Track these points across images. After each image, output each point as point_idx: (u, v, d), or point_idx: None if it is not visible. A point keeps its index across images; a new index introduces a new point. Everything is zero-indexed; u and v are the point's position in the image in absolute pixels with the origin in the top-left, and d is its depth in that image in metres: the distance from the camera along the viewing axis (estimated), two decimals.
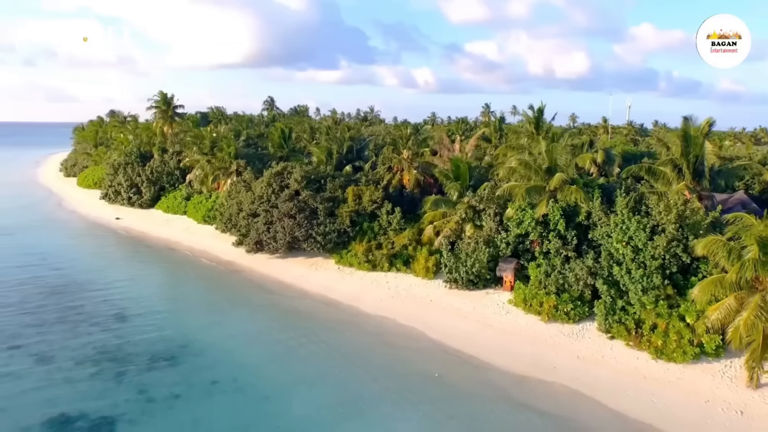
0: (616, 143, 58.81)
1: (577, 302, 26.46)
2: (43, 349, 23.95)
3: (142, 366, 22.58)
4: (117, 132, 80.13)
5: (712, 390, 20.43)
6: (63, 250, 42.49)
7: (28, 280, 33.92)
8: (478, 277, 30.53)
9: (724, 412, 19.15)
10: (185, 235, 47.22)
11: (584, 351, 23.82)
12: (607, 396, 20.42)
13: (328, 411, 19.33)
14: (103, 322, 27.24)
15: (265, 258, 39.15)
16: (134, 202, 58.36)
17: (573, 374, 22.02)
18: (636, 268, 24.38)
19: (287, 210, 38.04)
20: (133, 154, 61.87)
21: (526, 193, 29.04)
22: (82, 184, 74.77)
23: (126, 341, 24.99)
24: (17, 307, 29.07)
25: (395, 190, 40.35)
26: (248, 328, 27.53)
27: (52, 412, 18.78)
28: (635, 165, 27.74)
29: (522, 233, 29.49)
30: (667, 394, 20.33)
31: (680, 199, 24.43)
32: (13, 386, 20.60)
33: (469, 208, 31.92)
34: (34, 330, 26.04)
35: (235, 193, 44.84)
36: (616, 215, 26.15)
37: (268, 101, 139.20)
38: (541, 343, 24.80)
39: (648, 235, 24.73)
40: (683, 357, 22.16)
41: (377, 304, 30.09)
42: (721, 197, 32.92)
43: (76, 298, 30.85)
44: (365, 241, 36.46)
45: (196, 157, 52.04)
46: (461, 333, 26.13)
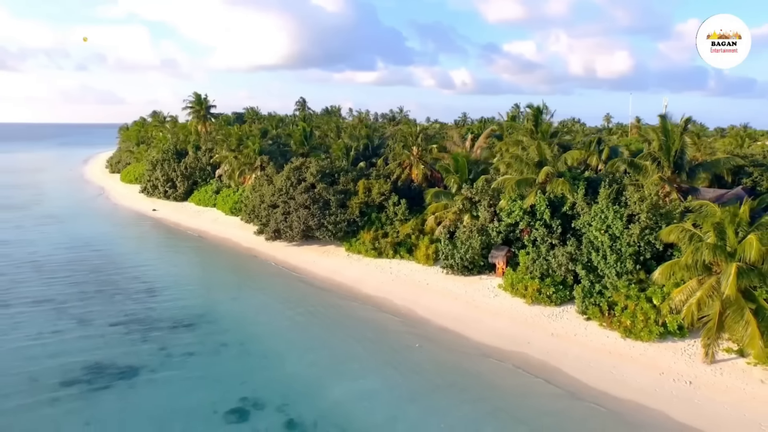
0: (630, 141, 59.23)
1: (559, 286, 28.34)
2: (84, 313, 28.05)
3: (164, 329, 26.22)
4: (157, 131, 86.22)
5: (669, 364, 22.06)
6: (104, 236, 47.40)
7: (74, 260, 38.62)
8: (472, 263, 32.76)
9: (674, 382, 20.82)
10: (213, 225, 51.38)
11: (559, 330, 25.75)
12: (570, 366, 22.38)
13: (316, 369, 22.25)
14: (134, 294, 31.23)
15: (282, 245, 42.56)
16: (170, 195, 63.37)
17: (544, 348, 24.05)
18: (611, 254, 26.10)
19: (303, 201, 41.34)
20: (170, 152, 66.94)
21: (516, 185, 31.06)
22: (124, 180, 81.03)
23: (152, 309, 28.81)
24: (65, 281, 33.54)
25: (403, 184, 42.94)
26: (259, 302, 30.89)
27: (89, 360, 22.57)
28: (618, 158, 29.26)
29: (512, 223, 31.52)
30: (626, 367, 22.10)
31: (653, 189, 25.94)
32: (58, 340, 24.62)
33: (465, 200, 34.16)
34: (77, 299, 30.26)
35: (259, 186, 48.58)
36: (597, 205, 27.86)
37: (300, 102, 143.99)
38: (521, 322, 26.86)
39: (624, 223, 26.38)
40: (649, 336, 23.79)
41: (378, 287, 32.81)
42: (719, 192, 33.77)
43: (112, 274, 35.17)
44: (372, 230, 39.25)
45: (225, 153, 56.26)
46: (449, 312, 28.49)
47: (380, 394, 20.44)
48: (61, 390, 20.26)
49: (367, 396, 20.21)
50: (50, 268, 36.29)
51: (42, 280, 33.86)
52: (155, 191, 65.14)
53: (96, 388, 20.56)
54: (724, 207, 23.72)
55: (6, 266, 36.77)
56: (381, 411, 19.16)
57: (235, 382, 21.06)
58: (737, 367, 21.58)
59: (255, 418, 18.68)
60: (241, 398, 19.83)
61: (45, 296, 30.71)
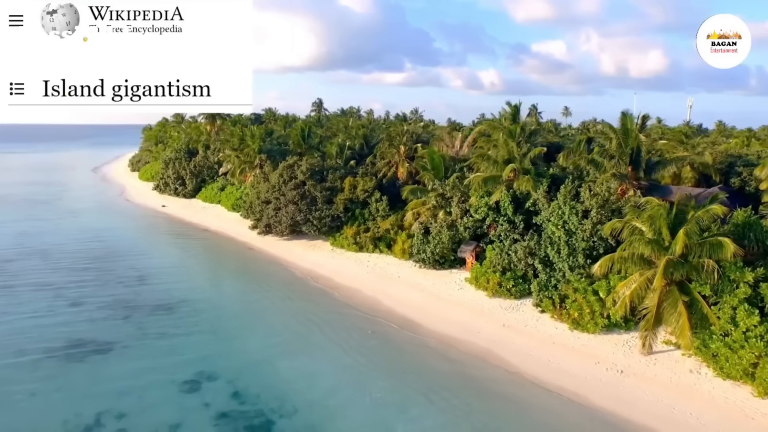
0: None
1: (519, 280, 29.35)
2: (78, 296, 30.72)
3: (146, 312, 28.56)
4: (174, 131, 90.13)
5: (607, 355, 22.90)
6: (112, 229, 50.64)
7: (80, 250, 41.73)
8: (443, 257, 34.04)
9: (606, 371, 21.70)
10: (215, 221, 54.04)
11: (512, 321, 26.80)
12: (511, 355, 23.48)
13: (272, 350, 24.11)
14: (127, 281, 33.82)
15: (274, 240, 44.68)
16: (179, 192, 66.58)
17: (491, 338, 25.18)
18: (564, 249, 26.99)
19: (292, 197, 43.39)
20: (182, 151, 70.25)
21: (483, 182, 32.19)
22: (142, 178, 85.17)
23: (138, 294, 31.28)
24: (67, 269, 36.50)
25: (389, 182, 44.44)
26: (239, 290, 33.08)
27: (73, 336, 25.06)
28: (579, 156, 30.04)
29: (480, 218, 32.65)
30: (565, 357, 23.04)
31: (604, 186, 26.70)
32: (49, 319, 27.28)
33: (438, 196, 35.45)
34: (75, 284, 33.03)
35: (257, 183, 50.97)
36: (555, 201, 28.75)
37: (317, 103, 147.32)
38: (477, 313, 28.02)
39: (579, 219, 27.22)
40: (594, 327, 24.64)
41: (352, 278, 34.44)
42: (697, 191, 34.02)
43: (112, 263, 37.97)
44: (355, 226, 40.92)
45: (228, 152, 58.94)
46: (412, 303, 29.87)
47: (324, 373, 22.09)
48: (42, 359, 22.75)
49: (311, 374, 21.88)
50: (56, 257, 39.43)
51: (47, 266, 36.94)
52: (167, 188, 68.51)
53: (73, 359, 22.94)
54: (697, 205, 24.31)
55: (18, 254, 40.14)
56: (320, 387, 20.81)
57: (197, 358, 23.10)
58: (672, 357, 22.28)
59: (205, 388, 20.63)
60: (198, 372, 21.81)
61: (47, 281, 33.63)
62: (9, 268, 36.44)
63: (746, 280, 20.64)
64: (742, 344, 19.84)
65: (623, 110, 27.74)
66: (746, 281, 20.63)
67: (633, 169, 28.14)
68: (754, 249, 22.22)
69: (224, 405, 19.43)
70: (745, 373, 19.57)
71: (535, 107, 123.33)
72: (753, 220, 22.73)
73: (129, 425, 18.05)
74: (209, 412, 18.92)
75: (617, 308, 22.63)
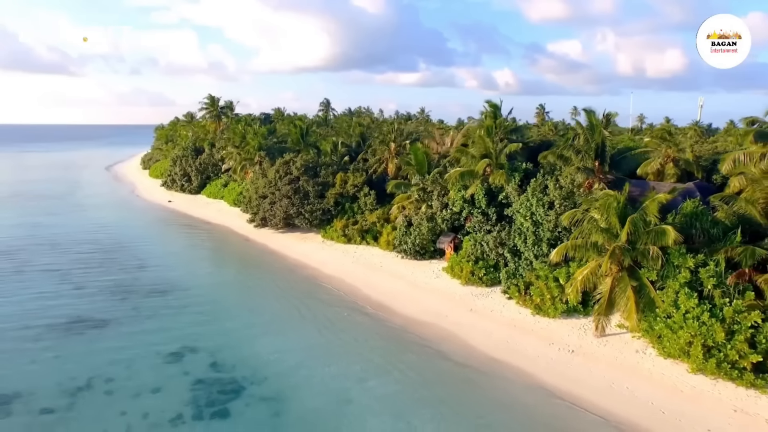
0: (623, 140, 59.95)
1: (491, 269, 30.94)
2: (81, 280, 33.20)
3: (142, 295, 30.85)
4: (183, 130, 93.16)
5: (562, 337, 24.40)
6: (119, 222, 53.38)
7: (86, 240, 44.40)
8: (423, 248, 35.76)
9: (558, 351, 23.21)
10: (217, 215, 56.46)
11: (479, 307, 28.40)
12: (472, 337, 25.09)
13: (252, 329, 26.14)
14: (127, 268, 36.24)
15: (269, 232, 46.84)
16: (185, 188, 69.34)
17: (457, 321, 26.82)
18: (531, 238, 28.51)
19: (286, 192, 45.52)
20: (189, 149, 73.06)
21: (459, 176, 33.83)
22: (152, 175, 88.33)
23: (137, 279, 33.65)
24: (73, 256, 39.08)
25: (378, 177, 46.25)
26: (229, 277, 35.23)
27: (73, 314, 27.44)
28: (548, 151, 31.50)
29: (457, 211, 34.28)
30: (523, 339, 24.59)
31: (568, 178, 28.16)
32: (54, 299, 29.71)
33: (420, 190, 37.17)
34: (79, 270, 35.54)
35: (256, 179, 53.20)
36: (525, 194, 30.26)
37: (324, 103, 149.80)
38: (449, 300, 29.67)
39: (545, 210, 28.71)
40: (554, 312, 26.14)
41: (337, 268, 36.33)
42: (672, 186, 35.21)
43: (115, 252, 40.53)
44: (345, 219, 42.83)
45: (230, 149, 61.37)
46: (389, 290, 31.64)
47: (296, 349, 23.99)
48: (45, 332, 25.12)
49: (285, 350, 23.82)
50: (64, 246, 42.10)
51: (55, 254, 39.59)
52: (174, 185, 71.33)
53: (72, 332, 25.28)
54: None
55: (30, 243, 42.94)
56: (290, 361, 22.72)
57: (182, 334, 25.20)
58: (622, 339, 23.71)
59: (187, 359, 22.70)
60: (182, 346, 23.92)
61: (54, 267, 36.21)
62: (21, 256, 39.17)
63: (688, 265, 22.01)
64: (681, 325, 21.21)
65: (585, 107, 29.24)
66: (688, 267, 22.00)
67: (600, 164, 29.50)
68: (700, 238, 23.54)
69: (202, 373, 21.47)
70: (682, 351, 20.95)
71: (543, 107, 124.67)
72: (699, 211, 24.03)
73: (115, 388, 20.19)
74: (188, 379, 20.97)
75: (570, 292, 24.14)
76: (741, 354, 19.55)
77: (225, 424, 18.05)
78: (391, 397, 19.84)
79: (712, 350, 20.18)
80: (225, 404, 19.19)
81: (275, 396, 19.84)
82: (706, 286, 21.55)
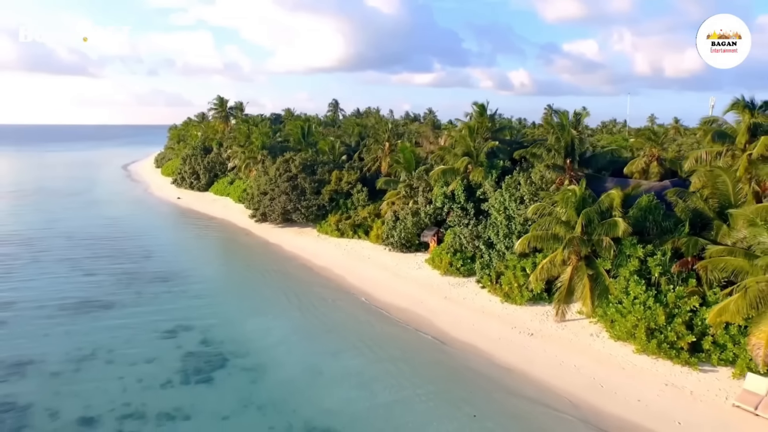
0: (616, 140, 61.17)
1: (468, 260, 32.93)
2: (91, 268, 36.14)
3: (145, 281, 33.60)
4: (195, 130, 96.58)
5: (525, 322, 26.30)
6: (129, 216, 56.60)
7: (97, 233, 47.57)
8: (409, 242, 37.88)
9: (519, 334, 25.13)
10: (222, 211, 59.29)
11: (454, 295, 30.41)
12: (442, 320, 27.09)
13: (244, 311, 28.60)
14: (133, 257, 39.15)
15: (269, 227, 49.39)
16: (194, 186, 72.44)
17: (431, 307, 28.87)
18: (503, 231, 30.43)
19: (284, 189, 48.02)
20: (198, 148, 76.24)
21: (442, 173, 35.87)
22: (164, 173, 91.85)
23: (142, 267, 36.48)
24: (85, 247, 42.15)
25: (372, 175, 48.45)
26: (228, 266, 38.01)
27: (83, 297, 30.26)
28: (523, 149, 33.37)
29: (439, 206, 36.33)
30: (487, 323, 26.53)
31: (538, 175, 30.02)
32: (62, 285, 32.65)
33: (407, 187, 39.29)
34: (90, 259, 38.52)
35: (258, 177, 55.85)
36: (499, 190, 32.19)
37: (333, 103, 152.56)
38: (427, 288, 31.72)
39: (517, 205, 30.61)
40: (521, 299, 28.04)
41: (328, 260, 38.65)
42: (650, 184, 36.76)
43: (123, 243, 43.55)
44: (338, 214, 45.17)
45: (235, 148, 64.21)
46: (373, 279, 33.82)
47: (280, 328, 26.37)
48: (56, 311, 27.98)
49: (268, 329, 26.20)
50: (78, 238, 45.23)
51: (69, 245, 42.69)
52: (183, 183, 74.50)
53: (80, 311, 28.06)
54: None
55: (47, 235, 46.22)
56: (272, 338, 25.10)
57: (178, 314, 27.78)
58: (580, 324, 25.54)
59: (180, 336, 25.23)
60: (177, 324, 26.46)
61: (67, 256, 39.24)
62: (38, 246, 42.36)
63: (638, 255, 23.80)
64: (629, 310, 23.02)
65: (553, 106, 31.03)
66: (638, 256, 23.79)
67: (570, 161, 31.27)
68: (654, 230, 25.27)
69: (192, 347, 23.95)
70: (629, 334, 22.75)
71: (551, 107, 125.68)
72: (653, 205, 25.73)
73: (115, 357, 22.79)
74: (180, 351, 23.46)
75: (532, 280, 26.06)
76: (679, 335, 21.33)
77: (208, 389, 20.44)
78: (359, 370, 22.03)
79: (655, 332, 21.96)
80: (210, 373, 21.61)
81: (255, 367, 22.19)
82: (654, 274, 23.34)
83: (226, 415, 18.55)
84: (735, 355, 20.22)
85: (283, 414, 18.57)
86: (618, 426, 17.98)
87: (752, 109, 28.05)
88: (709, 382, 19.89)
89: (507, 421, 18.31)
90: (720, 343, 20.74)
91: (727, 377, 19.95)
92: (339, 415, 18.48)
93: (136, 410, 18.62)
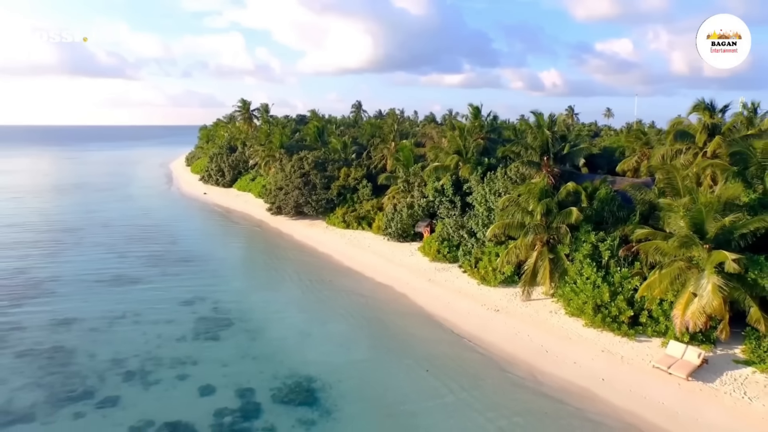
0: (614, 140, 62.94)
1: (454, 248, 36.29)
2: (123, 251, 41.34)
3: (170, 262, 38.48)
4: (222, 130, 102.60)
5: (495, 301, 29.50)
6: (159, 209, 62.26)
7: (131, 222, 53.21)
8: (405, 232, 41.48)
9: (486, 311, 28.35)
10: (243, 205, 64.27)
11: (437, 278, 33.83)
12: (421, 299, 30.58)
13: (252, 287, 33.00)
14: (161, 242, 44.24)
15: (283, 219, 53.86)
16: (219, 182, 77.90)
17: (414, 288, 32.40)
18: (483, 221, 33.68)
19: (297, 184, 52.40)
20: (224, 147, 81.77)
21: (434, 170, 39.35)
22: (193, 171, 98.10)
23: (168, 251, 41.43)
24: (120, 233, 47.63)
25: (378, 172, 52.22)
26: (242, 251, 42.55)
27: (116, 273, 35.29)
28: (504, 147, 36.47)
29: (431, 199, 39.79)
30: (462, 302, 29.83)
31: (513, 170, 33.15)
32: (99, 263, 37.85)
33: (404, 182, 42.90)
34: (123, 243, 43.83)
35: (276, 173, 60.48)
36: (482, 184, 35.43)
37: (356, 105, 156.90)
38: (414, 272, 35.24)
39: (496, 198, 33.81)
40: (495, 282, 31.26)
41: (331, 247, 42.67)
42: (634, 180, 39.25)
43: (152, 231, 48.86)
44: (345, 208, 49.15)
45: (256, 147, 69.14)
46: (368, 264, 37.57)
47: (280, 301, 30.52)
48: (94, 284, 33.00)
49: (270, 301, 30.39)
50: (113, 226, 50.88)
51: (105, 232, 48.24)
52: (210, 179, 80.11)
53: (113, 285, 32.96)
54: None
55: (86, 224, 52.10)
56: (272, 308, 29.25)
57: (196, 289, 32.30)
58: (543, 303, 28.59)
59: (196, 304, 29.69)
60: (194, 296, 30.95)
61: (103, 241, 44.65)
62: (78, 233, 48.02)
63: (590, 241, 26.75)
64: (581, 289, 26.01)
65: (533, 110, 34.17)
66: (590, 242, 26.73)
67: (547, 158, 34.21)
68: (610, 219, 28.12)
69: (205, 313, 28.32)
70: (580, 310, 25.73)
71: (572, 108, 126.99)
72: (610, 197, 28.55)
73: (140, 319, 27.36)
74: (194, 316, 27.86)
75: (500, 263, 29.29)
76: (621, 310, 24.23)
77: (214, 344, 24.66)
78: (341, 334, 25.88)
79: (601, 308, 24.91)
80: (217, 332, 25.87)
81: (254, 329, 26.33)
82: (604, 257, 26.25)
83: (227, 362, 22.67)
84: (666, 327, 23.02)
85: (272, 363, 22.55)
86: (550, 381, 21.17)
87: (712, 111, 30.54)
88: (641, 349, 22.76)
89: (454, 372, 21.78)
90: (654, 317, 23.57)
91: (657, 346, 22.79)
92: (318, 365, 22.31)
93: (155, 356, 22.99)
